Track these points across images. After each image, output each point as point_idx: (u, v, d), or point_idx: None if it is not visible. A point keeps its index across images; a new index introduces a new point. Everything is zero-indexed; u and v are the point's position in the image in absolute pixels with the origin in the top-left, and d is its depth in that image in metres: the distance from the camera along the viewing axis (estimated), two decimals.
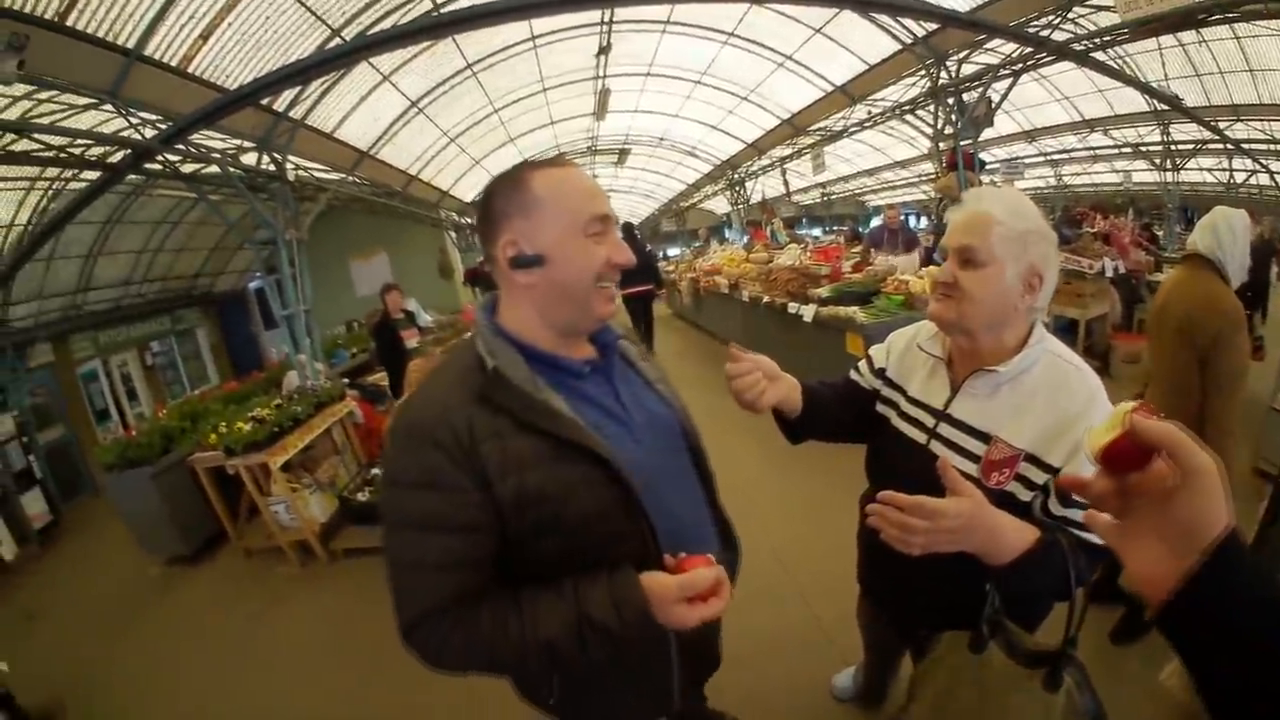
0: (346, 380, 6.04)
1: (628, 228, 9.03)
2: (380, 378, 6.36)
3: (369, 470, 4.04)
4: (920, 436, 1.24)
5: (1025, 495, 1.08)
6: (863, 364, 1.48)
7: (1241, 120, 11.88)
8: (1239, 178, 14.74)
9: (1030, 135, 15.28)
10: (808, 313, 5.28)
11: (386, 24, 6.37)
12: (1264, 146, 12.90)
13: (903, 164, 17.93)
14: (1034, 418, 1.08)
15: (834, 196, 23.78)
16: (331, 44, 6.25)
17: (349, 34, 6.34)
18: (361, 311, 11.17)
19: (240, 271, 14.79)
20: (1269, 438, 3.49)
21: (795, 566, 2.90)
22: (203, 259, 13.19)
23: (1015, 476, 1.08)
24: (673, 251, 20.64)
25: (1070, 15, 6.59)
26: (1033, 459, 1.07)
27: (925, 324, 1.34)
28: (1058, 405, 1.07)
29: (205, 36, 5.30)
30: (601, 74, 10.36)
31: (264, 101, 5.55)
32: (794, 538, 3.09)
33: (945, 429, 1.19)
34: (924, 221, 18.69)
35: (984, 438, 1.12)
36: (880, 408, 1.38)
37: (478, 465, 0.89)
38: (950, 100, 7.45)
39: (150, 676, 3.16)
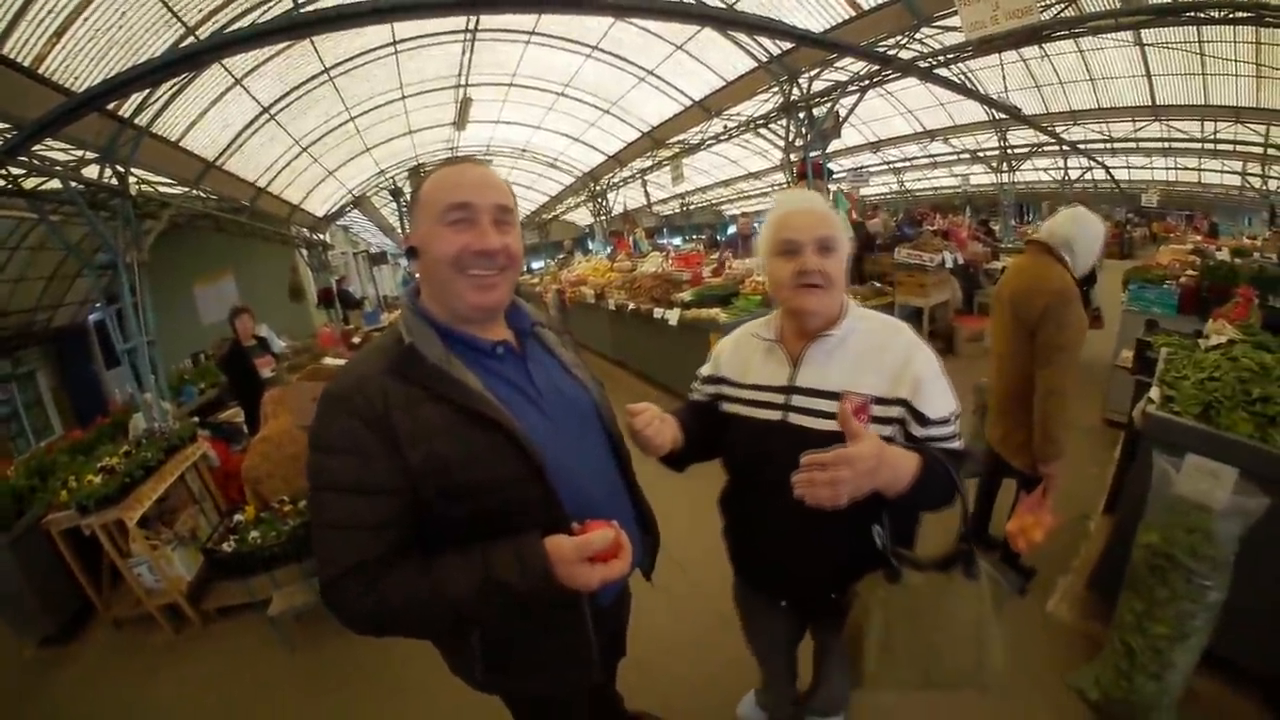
0: (197, 419, 5.73)
1: None
2: (234, 414, 6.11)
3: (231, 517, 3.88)
4: (775, 415, 1.34)
5: (886, 432, 1.25)
6: (694, 384, 1.61)
7: (1078, 124, 14.30)
8: (1074, 174, 17.64)
9: (875, 146, 17.46)
10: (672, 316, 5.85)
11: (244, 22, 6.31)
12: (1100, 145, 15.61)
13: (756, 175, 19.71)
14: (869, 365, 1.29)
15: (693, 206, 25.57)
16: (186, 42, 6.09)
17: (204, 32, 6.23)
18: (207, 341, 10.47)
19: (80, 303, 13.41)
20: (1114, 392, 4.36)
21: (691, 564, 3.17)
22: (40, 289, 11.95)
23: (871, 419, 1.24)
24: (536, 265, 21.04)
25: (918, 36, 7.65)
26: (880, 400, 1.25)
27: (755, 321, 1.51)
28: (885, 349, 1.30)
29: (60, 34, 5.13)
30: (464, 82, 10.69)
31: (109, 107, 5.34)
32: (684, 537, 3.29)
33: (798, 399, 1.32)
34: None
35: (833, 396, 1.26)
36: (727, 406, 1.47)
37: (390, 432, 1.00)
38: (801, 115, 8.41)
39: None
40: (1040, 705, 2.24)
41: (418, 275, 1.16)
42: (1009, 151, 15.12)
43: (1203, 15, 6.29)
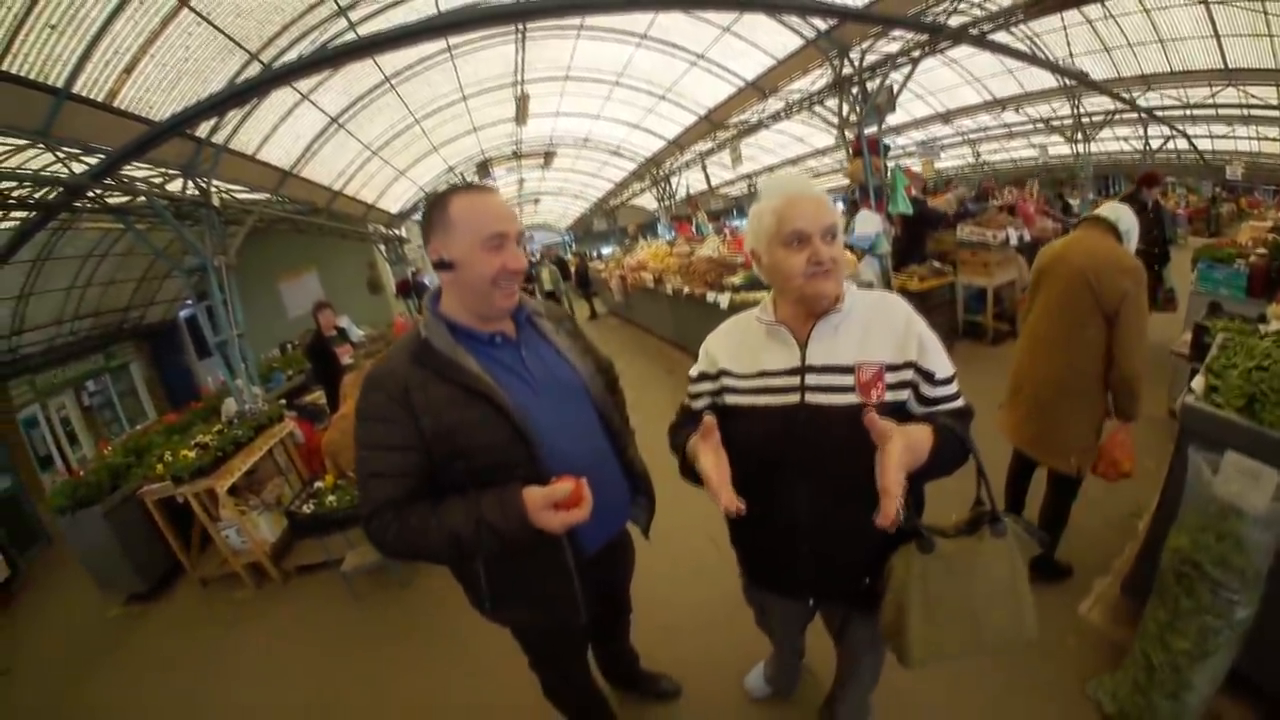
0: (284, 402, 6.18)
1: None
2: (317, 396, 6.53)
3: (312, 484, 4.24)
4: (792, 398, 1.31)
5: (902, 396, 1.29)
6: (690, 393, 1.57)
7: (1153, 89, 12.87)
8: (1154, 144, 16.02)
9: (946, 117, 16.35)
10: (723, 300, 5.76)
11: (304, 44, 6.64)
12: (1178, 113, 14.04)
13: (824, 151, 18.80)
14: (877, 335, 1.30)
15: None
16: (250, 67, 6.49)
17: (267, 56, 6.58)
18: (294, 333, 11.24)
19: (170, 301, 14.61)
20: (1179, 381, 3.72)
21: (726, 546, 3.25)
22: (131, 290, 13.06)
23: (887, 386, 1.27)
24: (605, 250, 21.13)
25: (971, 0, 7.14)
26: (892, 367, 1.27)
27: (749, 311, 1.50)
28: (889, 318, 1.32)
29: (129, 70, 5.54)
30: (520, 80, 10.79)
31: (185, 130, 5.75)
32: (717, 513, 3.42)
33: (813, 378, 1.30)
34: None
35: (847, 370, 1.28)
36: (733, 399, 1.43)
37: (409, 405, 1.29)
38: (854, 90, 8.04)
39: (120, 716, 3.32)
40: (1058, 711, 2.10)
41: (444, 282, 1.39)
42: (1083, 120, 13.95)
43: None
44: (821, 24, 7.99)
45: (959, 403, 1.32)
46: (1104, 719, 1.98)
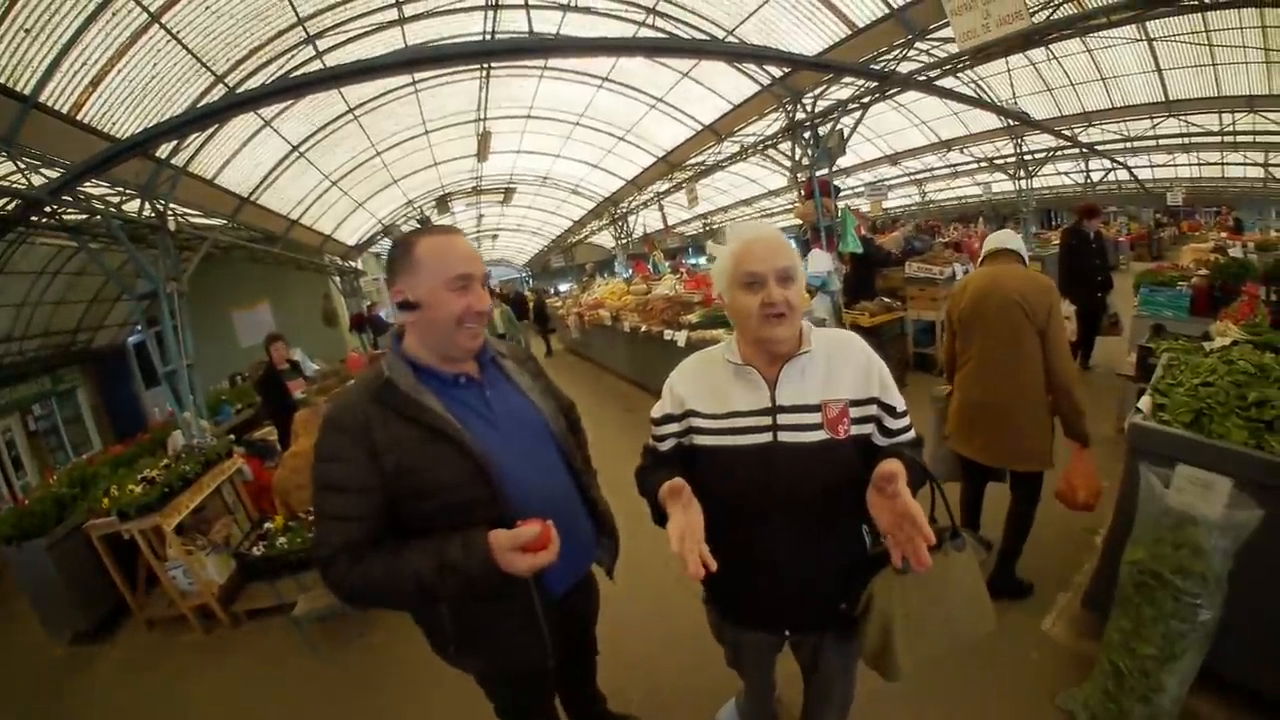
0: (233, 437, 5.95)
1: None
2: (268, 432, 6.28)
3: (262, 525, 4.07)
4: (764, 438, 1.35)
5: (866, 430, 1.36)
6: (655, 435, 1.54)
7: (1094, 124, 13.69)
8: (1096, 176, 17.08)
9: (893, 158, 17.09)
10: (680, 338, 5.89)
11: (270, 70, 6.63)
12: (1119, 145, 14.92)
13: (776, 193, 19.46)
14: (840, 373, 1.36)
15: (715, 226, 25.36)
16: (215, 90, 6.45)
17: (233, 80, 6.55)
18: (244, 364, 10.88)
19: (119, 325, 14.00)
20: (1128, 402, 3.85)
21: (687, 580, 3.22)
22: (81, 312, 12.52)
23: (853, 421, 1.34)
24: (563, 287, 21.27)
25: (918, 48, 7.50)
26: (855, 402, 1.34)
27: (713, 349, 1.50)
28: (849, 359, 1.38)
29: (95, 84, 5.47)
30: (482, 116, 10.91)
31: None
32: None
33: (784, 417, 1.34)
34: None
35: (815, 408, 1.33)
36: (701, 440, 1.43)
37: (370, 444, 1.25)
38: (806, 134, 8.34)
39: None
40: None
41: (407, 322, 1.38)
42: (1025, 158, 14.77)
43: (1197, 2, 6.03)
44: (776, 71, 8.32)
45: (913, 433, 1.41)
46: None
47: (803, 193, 8.33)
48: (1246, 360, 2.16)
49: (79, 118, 5.53)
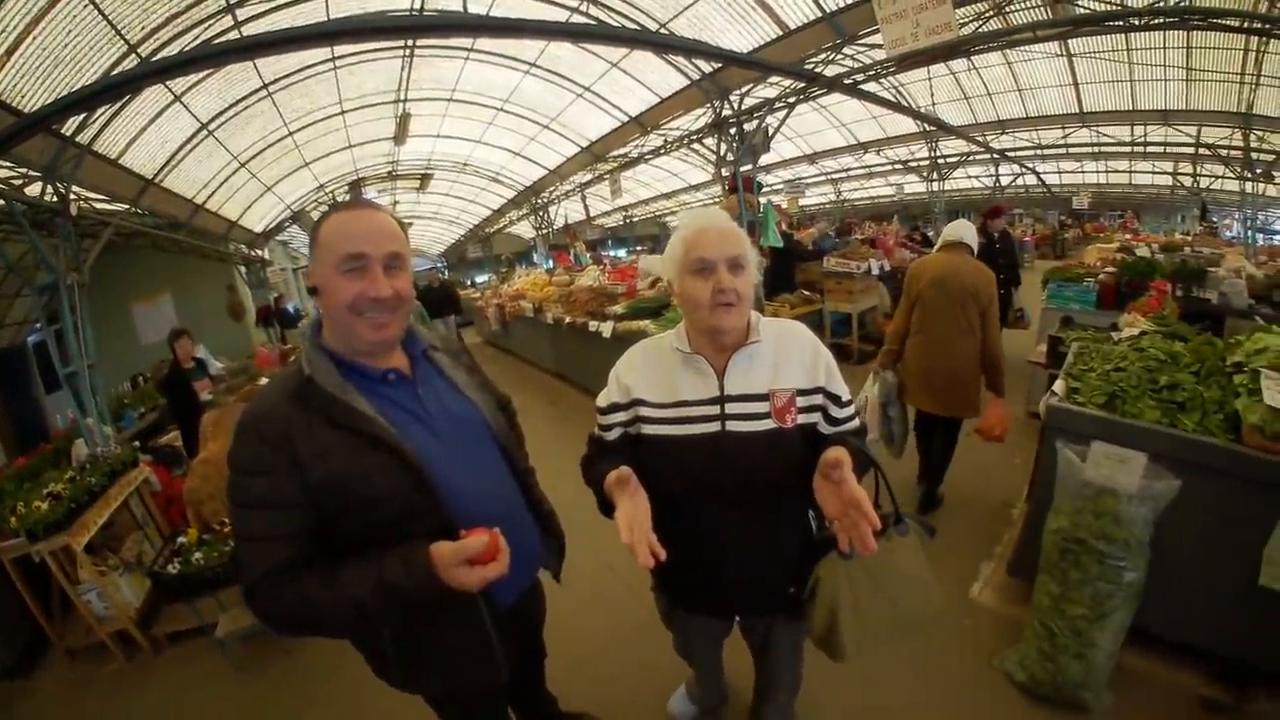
0: (138, 444, 5.49)
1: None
2: (174, 437, 5.88)
3: (175, 540, 3.78)
4: (712, 427, 1.36)
5: (812, 419, 1.38)
6: (601, 424, 1.53)
7: (1008, 132, 14.61)
8: (1005, 180, 18.33)
9: (811, 158, 17.80)
10: (606, 329, 5.93)
11: (185, 40, 6.22)
12: (1029, 152, 16.08)
13: (697, 187, 19.87)
14: (787, 362, 1.38)
15: (636, 219, 25.62)
16: (128, 59, 6.01)
17: (146, 50, 6.13)
18: (145, 363, 10.01)
19: (18, 324, 12.55)
20: (1035, 387, 4.44)
21: (623, 569, 3.30)
22: None
23: (799, 410, 1.36)
24: (480, 278, 20.84)
25: (846, 52, 7.86)
26: (802, 391, 1.36)
27: (660, 338, 1.51)
28: (797, 349, 1.40)
29: (10, 53, 5.04)
30: (403, 98, 10.51)
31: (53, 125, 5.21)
32: (617, 543, 3.38)
33: (731, 407, 1.36)
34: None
35: (763, 397, 1.35)
36: (648, 429, 1.43)
37: (292, 453, 1.11)
38: (732, 130, 8.56)
39: None
40: (971, 688, 2.29)
41: (320, 311, 1.24)
42: (939, 161, 15.68)
43: (1124, 24, 6.52)
44: (706, 66, 8.48)
45: (856, 422, 1.45)
46: (1017, 688, 2.21)
47: (726, 187, 8.53)
48: (1157, 349, 2.43)
49: None
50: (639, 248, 22.35)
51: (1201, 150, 13.76)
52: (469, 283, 19.55)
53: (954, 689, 2.31)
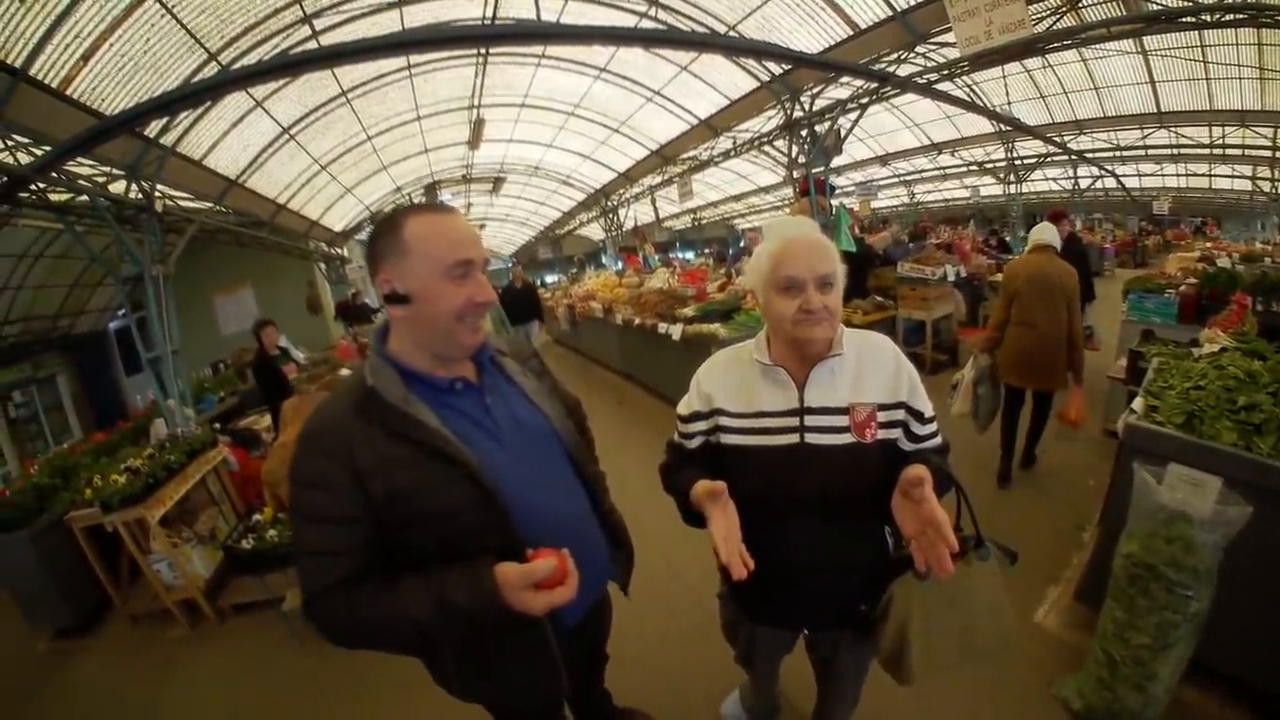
0: (217, 426, 5.90)
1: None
2: (253, 421, 6.26)
3: (250, 517, 3.99)
4: (791, 439, 1.34)
5: (893, 435, 1.35)
6: (682, 432, 1.53)
7: (1085, 133, 13.96)
8: (1084, 183, 17.37)
9: (884, 159, 17.36)
10: (675, 331, 5.92)
11: (264, 49, 6.56)
12: (1108, 153, 15.29)
13: (767, 189, 19.71)
14: (870, 376, 1.35)
15: (704, 221, 25.56)
16: (208, 68, 6.36)
17: (226, 58, 6.47)
18: (226, 352, 10.74)
19: (100, 311, 13.77)
20: (1114, 404, 4.25)
21: (685, 569, 3.28)
22: (63, 296, 12.35)
23: (880, 425, 1.33)
24: (550, 278, 21.22)
25: (918, 51, 7.66)
26: (883, 406, 1.34)
27: (740, 347, 1.49)
28: (879, 363, 1.37)
29: (86, 58, 5.37)
30: (476, 104, 10.87)
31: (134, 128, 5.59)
32: (680, 544, 3.20)
33: (812, 419, 1.34)
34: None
35: (843, 411, 1.32)
36: (728, 438, 1.42)
37: (355, 467, 1.08)
38: (803, 132, 8.45)
39: None
40: (1027, 715, 2.21)
41: (394, 318, 1.19)
42: (1016, 163, 15.02)
43: (1196, 20, 6.24)
44: (776, 68, 8.42)
45: (939, 439, 1.41)
46: (1073, 716, 2.11)
47: (798, 190, 8.41)
48: (1236, 366, 2.29)
49: (69, 93, 5.43)
50: (707, 250, 22.29)
51: (1278, 153, 12.90)
52: (539, 282, 20.02)
53: (1010, 714, 2.23)
